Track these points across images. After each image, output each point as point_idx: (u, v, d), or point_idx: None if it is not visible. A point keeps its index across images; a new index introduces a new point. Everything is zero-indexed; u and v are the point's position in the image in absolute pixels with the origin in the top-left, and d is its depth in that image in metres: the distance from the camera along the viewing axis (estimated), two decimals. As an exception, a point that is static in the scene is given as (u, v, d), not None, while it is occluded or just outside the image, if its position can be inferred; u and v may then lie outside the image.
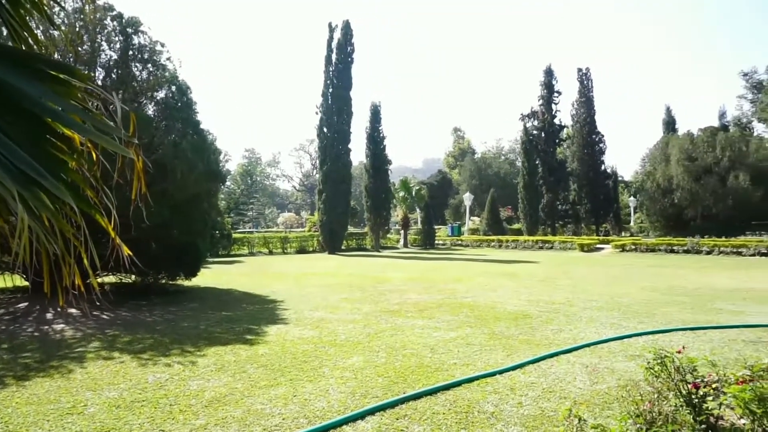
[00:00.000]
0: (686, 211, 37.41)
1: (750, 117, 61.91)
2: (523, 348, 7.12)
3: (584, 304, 10.84)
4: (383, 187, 35.98)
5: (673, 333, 8.03)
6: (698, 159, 38.04)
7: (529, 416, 4.65)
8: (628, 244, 29.24)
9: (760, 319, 9.01)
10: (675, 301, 11.23)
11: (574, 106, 50.47)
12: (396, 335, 8.00)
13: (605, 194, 49.33)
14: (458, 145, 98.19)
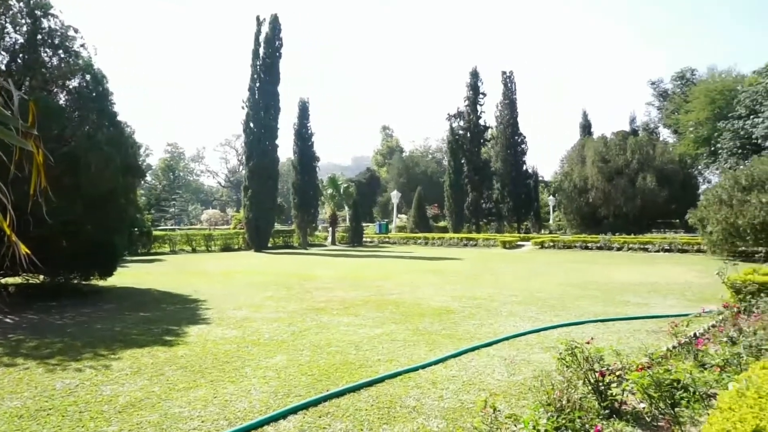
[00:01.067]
0: (600, 210, 39.58)
1: (657, 123, 66.51)
2: (446, 343, 7.29)
3: (505, 299, 11.24)
4: (311, 185, 35.73)
5: (585, 325, 8.49)
6: (611, 161, 40.33)
7: (450, 409, 4.77)
8: (546, 241, 30.58)
9: (662, 311, 9.69)
10: (587, 295, 11.87)
11: (498, 108, 52.15)
12: (321, 333, 7.97)
13: (526, 193, 51.34)
14: (387, 143, 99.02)
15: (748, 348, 5.15)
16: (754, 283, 8.52)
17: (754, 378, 3.48)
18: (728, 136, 47.81)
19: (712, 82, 55.94)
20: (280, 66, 32.50)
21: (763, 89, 46.10)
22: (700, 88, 55.11)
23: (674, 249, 25.42)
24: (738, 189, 20.46)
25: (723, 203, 20.37)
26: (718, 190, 21.63)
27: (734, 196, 20.20)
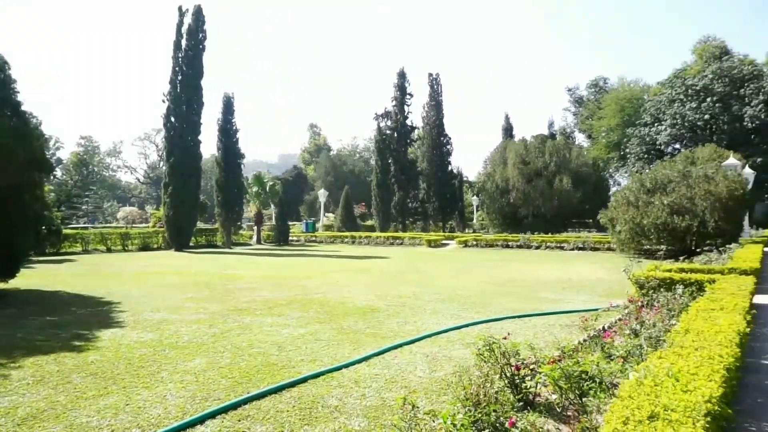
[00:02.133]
0: (520, 210, 41.15)
1: (573, 127, 70.06)
2: (370, 341, 7.34)
3: (429, 297, 11.45)
4: (236, 182, 34.84)
5: (504, 321, 8.81)
6: (530, 163, 42.02)
7: (372, 407, 4.80)
8: (470, 240, 31.44)
9: (574, 306, 10.21)
10: (507, 292, 12.32)
11: (425, 109, 53.01)
12: (243, 334, 7.80)
13: (452, 193, 52.52)
14: (314, 141, 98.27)
15: (648, 339, 5.52)
16: (656, 278, 9.16)
17: (652, 367, 3.74)
18: (636, 142, 51.14)
19: (622, 90, 59.66)
20: (203, 59, 31.43)
21: (666, 99, 49.66)
22: (611, 96, 58.61)
23: (587, 247, 26.86)
24: (643, 191, 21.91)
25: (630, 204, 21.73)
26: (626, 192, 23.08)
27: (640, 198, 21.62)
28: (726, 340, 4.54)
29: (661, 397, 3.17)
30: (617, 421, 2.88)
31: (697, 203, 20.19)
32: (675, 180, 21.80)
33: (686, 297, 7.72)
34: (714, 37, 54.78)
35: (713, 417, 3.04)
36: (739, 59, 49.14)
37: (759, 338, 6.89)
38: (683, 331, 5.03)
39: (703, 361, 3.91)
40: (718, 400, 3.22)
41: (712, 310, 6.01)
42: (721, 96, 45.65)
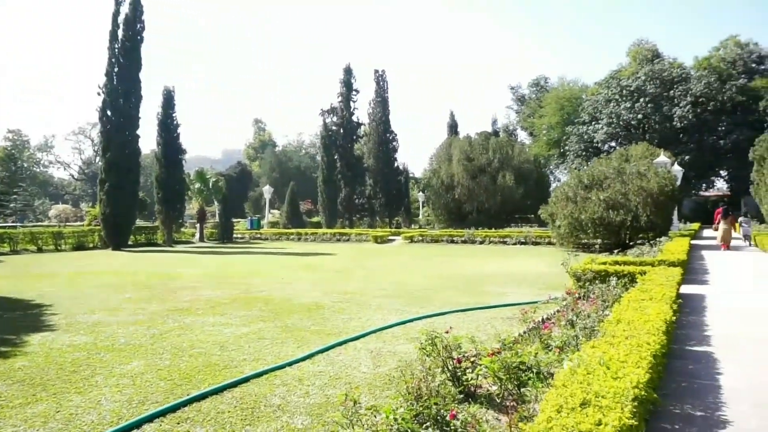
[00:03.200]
0: (465, 206, 41.86)
1: (515, 125, 71.81)
2: (315, 338, 7.30)
3: (374, 293, 11.49)
4: (177, 178, 33.79)
5: (448, 315, 8.95)
6: (475, 160, 42.81)
7: (315, 405, 4.78)
8: (416, 236, 31.75)
9: (516, 299, 10.48)
10: (452, 286, 12.52)
11: (371, 105, 53.04)
12: (184, 335, 7.60)
13: (398, 189, 52.83)
14: (259, 137, 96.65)
15: (583, 330, 5.74)
16: (591, 271, 9.53)
17: (585, 356, 3.89)
18: (574, 140, 52.96)
19: (561, 90, 61.59)
20: (141, 51, 30.27)
21: (602, 99, 51.65)
22: (552, 95, 60.41)
23: (529, 242, 27.64)
24: (581, 187, 22.75)
25: (569, 200, 22.51)
26: (565, 188, 23.90)
27: (578, 193, 22.43)
28: (654, 329, 4.78)
29: (592, 384, 3.30)
30: (551, 410, 2.98)
31: (631, 198, 21.14)
32: (610, 176, 22.74)
33: (619, 288, 8.07)
34: (647, 41, 57.37)
35: (640, 401, 3.20)
36: (669, 62, 51.66)
37: (685, 326, 7.28)
38: (615, 321, 5.25)
39: (632, 349, 4.10)
40: (644, 385, 3.39)
41: (642, 301, 6.31)
42: (653, 97, 47.88)
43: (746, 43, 51.36)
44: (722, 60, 50.71)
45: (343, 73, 52.20)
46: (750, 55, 50.54)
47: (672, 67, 50.25)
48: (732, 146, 45.26)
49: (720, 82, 47.76)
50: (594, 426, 2.74)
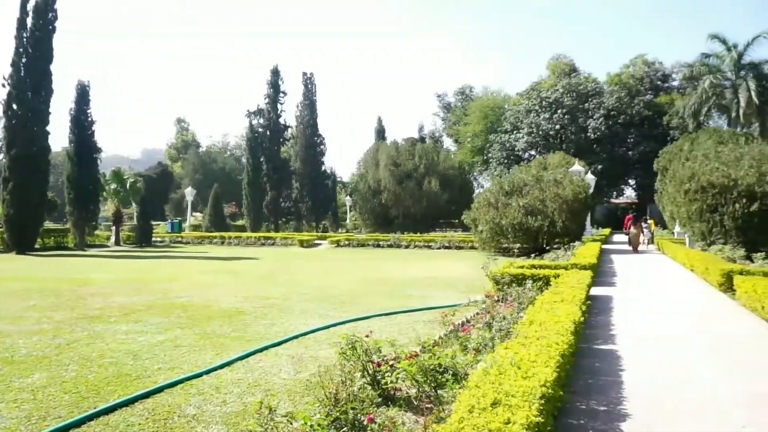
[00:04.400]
0: (391, 210, 42.29)
1: (441, 132, 73.34)
2: (234, 345, 7.12)
3: (298, 298, 11.37)
4: (91, 178, 31.94)
5: (371, 319, 8.99)
6: (401, 165, 43.35)
7: (232, 413, 4.66)
8: (342, 240, 31.73)
9: (438, 302, 10.67)
10: (376, 291, 12.59)
11: (299, 108, 52.58)
12: (93, 344, 7.19)
13: (325, 193, 52.64)
14: (182, 136, 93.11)
15: (499, 332, 5.95)
16: (509, 275, 9.90)
17: (498, 357, 4.04)
18: (497, 148, 54.84)
19: (486, 99, 63.59)
20: (53, 42, 28.42)
21: (524, 109, 53.83)
22: (476, 104, 62.25)
23: (453, 246, 28.29)
24: (502, 194, 23.59)
25: (491, 206, 23.27)
26: (487, 194, 24.69)
27: (500, 199, 23.24)
28: (563, 330, 5.03)
29: (504, 384, 3.43)
30: (464, 410, 3.06)
31: (548, 205, 22.14)
32: (529, 183, 23.73)
33: (534, 291, 8.43)
34: (564, 56, 60.45)
35: (547, 399, 3.35)
36: (585, 77, 54.66)
37: (593, 326, 7.69)
38: (528, 323, 5.48)
39: (542, 349, 4.29)
40: (552, 383, 3.56)
41: (554, 302, 6.62)
42: (569, 109, 50.41)
43: (652, 62, 55.25)
44: (632, 77, 54.27)
45: (271, 74, 51.49)
46: (656, 73, 54.40)
47: (587, 81, 53.19)
48: (639, 157, 48.44)
49: (629, 97, 51.11)
50: (503, 425, 2.84)
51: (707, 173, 20.33)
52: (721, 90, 41.19)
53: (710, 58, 42.94)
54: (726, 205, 19.25)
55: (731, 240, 18.66)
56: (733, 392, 4.89)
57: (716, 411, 4.44)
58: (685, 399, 4.73)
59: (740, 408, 4.50)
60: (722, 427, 4.11)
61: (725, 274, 10.74)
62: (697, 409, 4.47)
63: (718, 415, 4.36)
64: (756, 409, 4.48)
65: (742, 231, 18.93)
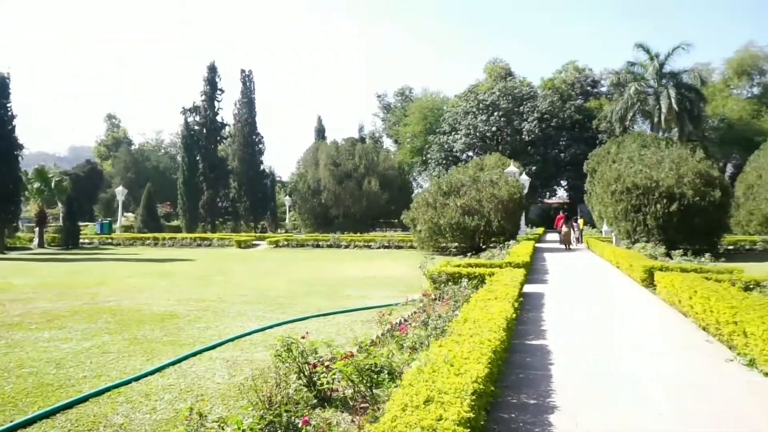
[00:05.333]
0: (331, 210, 42.16)
1: (381, 132, 73.71)
2: (166, 350, 6.89)
3: (234, 300, 11.13)
4: (11, 176, 30.02)
5: (309, 320, 8.93)
6: (341, 165, 43.30)
7: (162, 420, 4.51)
8: (281, 240, 31.32)
9: (377, 302, 10.72)
10: (315, 291, 12.51)
11: (237, 106, 51.51)
12: (11, 353, 6.78)
13: (264, 193, 51.78)
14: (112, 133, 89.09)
15: (434, 330, 6.04)
16: (446, 273, 10.08)
17: (432, 355, 4.10)
18: (436, 148, 55.68)
19: (425, 100, 64.41)
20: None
21: (461, 111, 54.89)
22: (416, 105, 62.95)
23: (392, 246, 28.49)
24: (440, 194, 23.98)
25: (429, 206, 23.61)
26: (426, 194, 25.03)
27: (437, 200, 23.61)
28: (496, 326, 5.17)
29: (437, 382, 3.49)
30: (397, 408, 3.10)
31: (485, 205, 22.70)
32: (467, 184, 24.24)
33: (470, 289, 8.62)
34: (501, 60, 62.12)
35: (479, 395, 3.44)
36: (520, 81, 56.40)
37: (526, 322, 7.95)
38: (462, 320, 5.60)
39: (475, 346, 4.39)
40: (483, 379, 3.65)
41: (488, 300, 6.79)
42: (505, 111, 51.85)
43: (583, 68, 57.65)
44: (564, 82, 56.45)
45: (207, 70, 50.16)
46: (586, 79, 56.82)
47: (522, 85, 54.90)
48: (571, 159, 50.42)
49: (562, 101, 53.15)
50: (435, 421, 2.89)
51: (632, 175, 21.45)
52: (645, 97, 43.56)
53: (635, 67, 45.34)
54: (648, 206, 20.38)
55: (653, 238, 19.76)
56: (651, 379, 5.18)
57: (638, 397, 4.69)
58: (609, 389, 4.96)
59: (659, 393, 4.77)
60: (643, 412, 4.34)
61: (647, 270, 11.35)
62: (619, 398, 4.70)
63: (640, 401, 4.60)
64: (672, 393, 4.76)
65: (662, 230, 20.10)
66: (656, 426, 4.10)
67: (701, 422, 4.18)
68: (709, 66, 50.84)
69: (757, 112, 48.71)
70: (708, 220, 20.36)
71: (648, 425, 4.12)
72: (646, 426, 4.10)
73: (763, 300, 6.58)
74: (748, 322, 5.57)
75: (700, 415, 4.34)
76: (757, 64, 51.17)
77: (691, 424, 4.14)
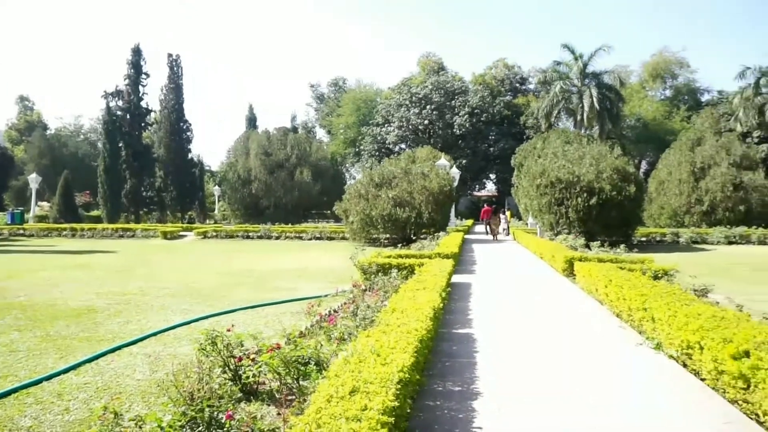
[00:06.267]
0: (262, 201, 41.40)
1: (314, 122, 73.07)
2: (82, 347, 6.55)
3: (158, 293, 10.73)
4: None
5: (237, 313, 8.74)
6: (273, 155, 42.58)
7: (76, 421, 4.29)
8: (210, 231, 30.43)
9: (307, 293, 10.63)
10: (243, 283, 12.26)
11: (164, 92, 49.41)
12: None
13: (191, 182, 50.07)
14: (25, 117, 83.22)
15: (363, 320, 6.07)
16: (376, 264, 10.15)
17: (359, 346, 4.12)
18: (369, 140, 55.82)
19: (358, 92, 64.34)
20: None
21: (395, 103, 55.26)
22: (349, 96, 62.78)
23: (324, 237, 28.34)
24: (373, 186, 24.08)
25: (362, 197, 23.66)
26: (358, 185, 25.06)
27: (370, 191, 23.70)
28: (423, 316, 5.25)
29: (363, 372, 3.50)
30: (322, 400, 3.09)
31: (416, 197, 23.01)
32: (398, 176, 24.47)
33: (399, 280, 8.73)
34: (434, 54, 62.97)
35: (404, 384, 3.48)
36: (452, 75, 57.42)
37: (454, 311, 8.13)
38: (391, 310, 5.66)
39: (401, 335, 4.45)
40: (409, 368, 3.70)
41: (416, 290, 6.89)
42: (437, 105, 52.66)
43: (512, 65, 59.45)
44: (494, 78, 58.00)
45: (132, 53, 47.83)
46: (515, 76, 58.63)
47: (454, 80, 55.92)
48: (499, 153, 51.95)
49: (492, 97, 54.59)
50: (360, 411, 2.90)
51: (555, 170, 22.38)
52: (569, 95, 45.54)
53: (561, 66, 47.30)
54: (570, 199, 21.36)
55: (574, 230, 20.74)
56: (569, 364, 5.44)
57: (555, 382, 4.91)
58: (529, 374, 5.17)
59: (575, 377, 5.01)
60: (559, 395, 4.55)
61: (567, 260, 11.90)
62: (539, 383, 4.91)
63: (557, 385, 4.82)
64: (586, 376, 5.01)
65: (583, 222, 21.14)
66: (571, 407, 4.32)
67: (610, 402, 4.44)
68: (628, 68, 53.92)
69: (669, 113, 52.09)
70: (623, 213, 21.62)
71: (564, 407, 4.32)
72: (562, 408, 4.31)
73: (669, 288, 7.05)
74: (656, 309, 5.96)
75: (609, 395, 4.61)
76: (670, 69, 54.71)
77: (601, 404, 4.38)
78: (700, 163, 31.58)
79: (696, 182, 30.94)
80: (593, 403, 4.43)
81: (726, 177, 29.99)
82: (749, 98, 41.36)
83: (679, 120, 49.91)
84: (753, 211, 29.46)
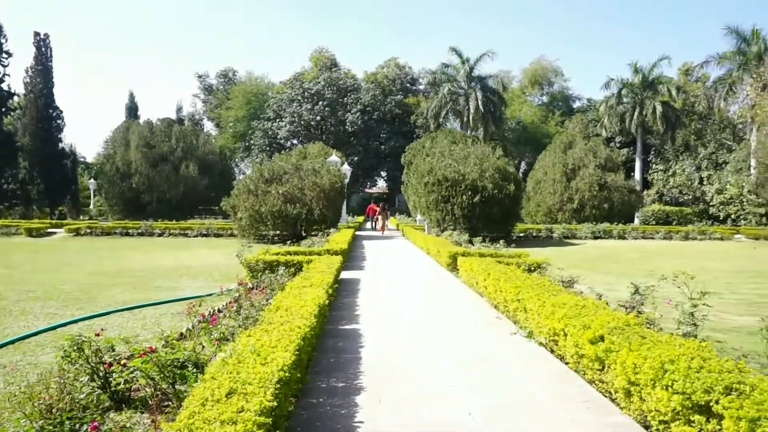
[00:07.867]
0: (144, 196, 38.96)
1: (202, 114, 69.97)
2: None
3: (19, 296, 9.76)
4: None
5: (111, 315, 8.17)
6: (156, 147, 40.20)
7: None
8: (83, 228, 28.16)
9: (190, 293, 10.21)
10: (120, 283, 11.48)
11: (29, 74, 44.81)
12: None
13: (63, 175, 45.92)
14: None
15: (246, 319, 5.92)
16: (263, 261, 9.94)
17: (239, 346, 4.01)
18: (259, 135, 54.56)
19: (249, 84, 62.52)
20: None
21: (287, 98, 54.42)
22: (239, 89, 60.83)
23: (211, 234, 27.30)
24: (262, 181, 23.55)
25: (251, 193, 23.06)
26: (247, 181, 24.40)
27: (260, 187, 23.16)
28: (307, 313, 5.23)
29: (241, 373, 3.41)
30: (196, 404, 2.97)
31: (307, 193, 22.83)
32: (289, 172, 24.14)
33: (286, 277, 8.61)
34: (327, 50, 62.67)
35: (284, 383, 3.44)
36: (345, 72, 57.58)
37: (341, 307, 8.18)
38: (275, 308, 5.57)
39: (284, 334, 4.39)
40: (290, 367, 3.66)
41: (303, 287, 6.84)
42: (330, 101, 52.59)
43: (404, 65, 60.77)
44: (386, 77, 58.95)
45: (-12, 29, 42.79)
46: (406, 76, 60.00)
47: (347, 77, 56.14)
48: (390, 151, 52.99)
49: (383, 95, 55.52)
50: (236, 414, 2.83)
51: (442, 168, 23.25)
52: (456, 97, 47.49)
53: (449, 69, 49.14)
54: (456, 197, 22.31)
55: (459, 226, 21.68)
56: (448, 354, 5.68)
57: (435, 371, 5.10)
58: (411, 367, 5.32)
59: (454, 366, 5.24)
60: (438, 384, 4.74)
61: (451, 256, 12.40)
62: (419, 374, 5.07)
63: (436, 374, 5.01)
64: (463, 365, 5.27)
65: (467, 218, 22.16)
66: (449, 394, 4.51)
67: (485, 388, 4.70)
68: (510, 74, 57.22)
69: (545, 117, 56.09)
70: (504, 210, 22.97)
71: (442, 397, 4.50)
72: (441, 397, 4.48)
73: (540, 280, 7.58)
74: (528, 300, 6.39)
75: (484, 382, 4.87)
76: (547, 76, 58.86)
77: (476, 391, 4.62)
78: (571, 165, 34.40)
79: (568, 182, 33.68)
80: (462, 391, 4.65)
81: (593, 178, 32.97)
82: (613, 106, 45.66)
83: (554, 124, 53.90)
84: (615, 208, 32.67)
